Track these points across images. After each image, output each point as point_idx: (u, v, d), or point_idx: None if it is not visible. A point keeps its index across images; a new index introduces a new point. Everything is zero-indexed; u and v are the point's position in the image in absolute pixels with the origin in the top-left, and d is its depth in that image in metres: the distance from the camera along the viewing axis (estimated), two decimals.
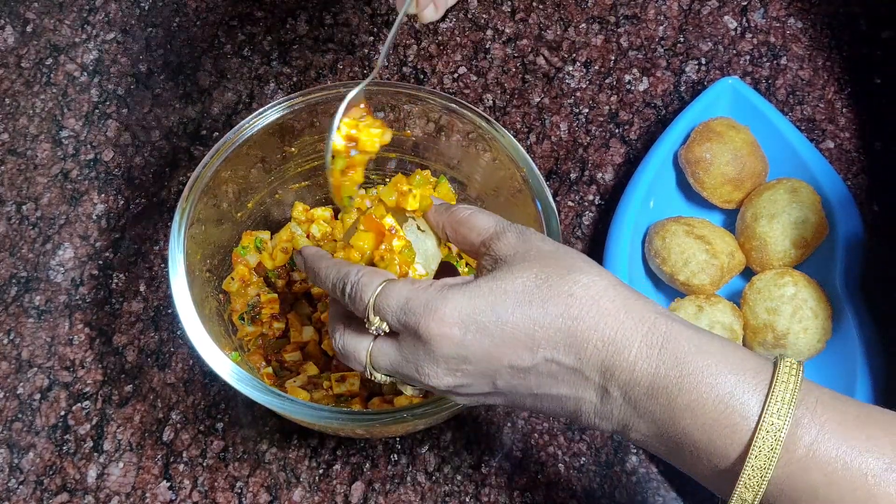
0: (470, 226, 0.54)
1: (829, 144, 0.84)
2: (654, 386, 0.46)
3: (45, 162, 0.82)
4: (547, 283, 0.48)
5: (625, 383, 0.47)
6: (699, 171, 0.76)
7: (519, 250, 0.50)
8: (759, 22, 0.89)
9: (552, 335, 0.47)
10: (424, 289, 0.49)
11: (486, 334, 0.48)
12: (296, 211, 0.74)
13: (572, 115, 0.85)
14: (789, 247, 0.74)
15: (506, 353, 0.48)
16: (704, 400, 0.46)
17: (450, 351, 0.48)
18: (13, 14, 0.89)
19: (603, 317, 0.47)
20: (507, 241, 0.51)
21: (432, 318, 0.48)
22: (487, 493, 0.70)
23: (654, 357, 0.46)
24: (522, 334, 0.47)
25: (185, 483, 0.70)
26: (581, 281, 0.48)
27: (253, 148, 0.68)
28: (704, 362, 0.46)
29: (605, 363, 0.47)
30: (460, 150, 0.70)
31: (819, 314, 0.71)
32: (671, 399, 0.46)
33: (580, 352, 0.47)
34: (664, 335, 0.47)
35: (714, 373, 0.46)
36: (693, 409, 0.46)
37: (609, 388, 0.47)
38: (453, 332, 0.48)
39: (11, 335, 0.75)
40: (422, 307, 0.48)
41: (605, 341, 0.47)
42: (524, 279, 0.48)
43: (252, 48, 0.87)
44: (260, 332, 0.71)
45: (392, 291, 0.50)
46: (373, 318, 0.50)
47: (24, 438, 0.71)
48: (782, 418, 0.44)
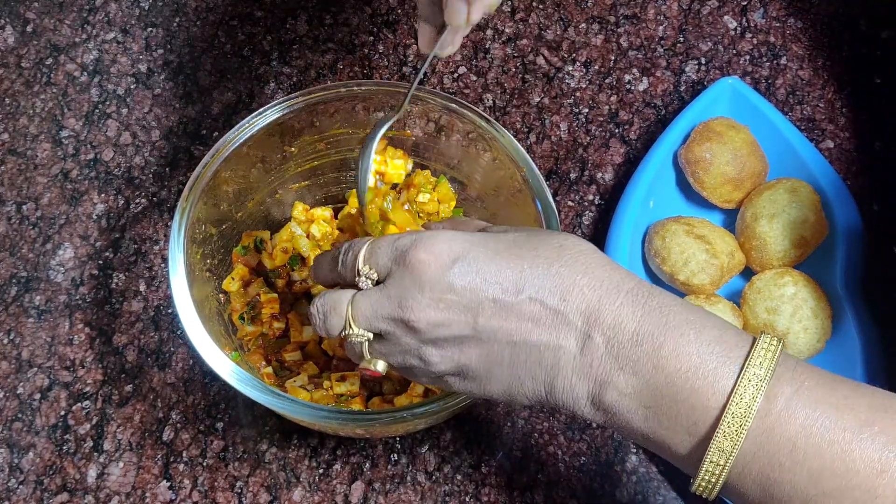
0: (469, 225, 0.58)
1: (829, 144, 0.84)
2: (639, 331, 0.47)
3: (45, 162, 0.82)
4: (537, 236, 0.50)
5: (609, 327, 0.47)
6: (699, 171, 0.76)
7: (508, 229, 0.54)
8: (759, 22, 0.89)
9: (540, 275, 0.48)
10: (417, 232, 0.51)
11: (474, 266, 0.48)
12: (296, 211, 0.74)
13: (572, 114, 0.85)
14: (789, 246, 0.74)
15: (492, 286, 0.48)
16: (690, 348, 0.46)
17: (435, 274, 0.48)
18: (13, 14, 0.89)
19: (591, 267, 0.49)
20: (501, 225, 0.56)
21: (423, 246, 0.49)
22: (487, 492, 0.70)
23: (640, 304, 0.47)
24: (511, 271, 0.48)
25: (185, 483, 0.70)
26: (570, 239, 0.50)
27: (253, 148, 0.68)
28: (691, 317, 0.47)
29: (591, 307, 0.47)
30: (460, 150, 0.70)
31: (819, 314, 0.71)
32: (656, 346, 0.46)
33: (566, 293, 0.48)
34: (649, 290, 0.48)
35: (699, 326, 0.47)
36: (678, 354, 0.46)
37: (592, 334, 0.47)
38: (442, 259, 0.49)
39: (11, 335, 0.75)
40: (411, 240, 0.50)
41: (593, 286, 0.48)
42: (515, 233, 0.51)
43: (252, 48, 0.87)
44: (260, 331, 0.71)
45: (382, 239, 0.52)
46: (363, 267, 0.51)
47: (24, 438, 0.71)
48: (764, 369, 0.45)
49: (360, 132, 0.72)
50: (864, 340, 0.70)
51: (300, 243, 0.73)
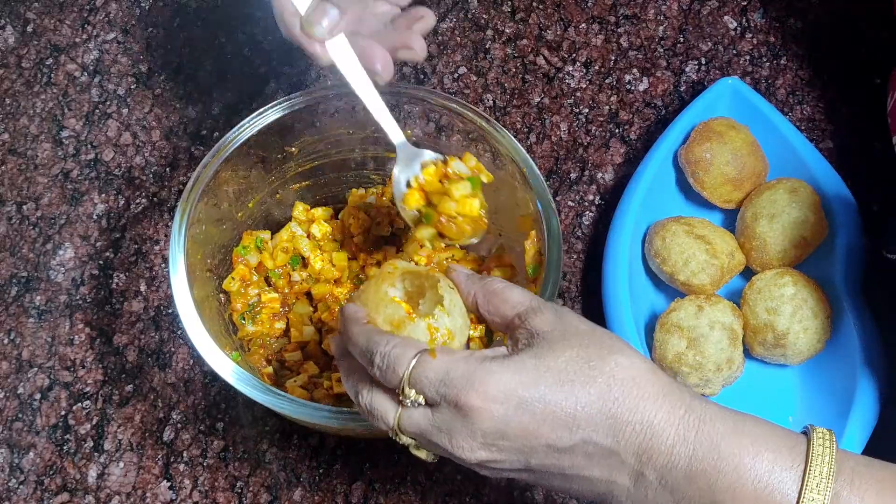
0: (504, 297, 0.53)
1: (829, 144, 0.84)
2: (692, 469, 0.47)
3: (45, 162, 0.82)
4: (589, 363, 0.48)
5: (662, 466, 0.47)
6: (699, 171, 0.76)
7: (557, 328, 0.50)
8: (759, 22, 0.89)
9: (593, 415, 0.47)
10: (464, 360, 0.48)
11: (527, 411, 0.47)
12: (296, 211, 0.74)
13: (572, 115, 0.85)
14: (789, 247, 0.74)
15: (545, 432, 0.47)
16: (744, 482, 0.46)
17: (489, 426, 0.48)
18: (13, 14, 0.89)
19: (643, 399, 0.47)
20: (544, 318, 0.51)
21: (475, 391, 0.47)
22: (488, 492, 0.70)
23: (691, 440, 0.47)
24: (563, 413, 0.47)
25: (185, 483, 0.70)
26: (622, 363, 0.48)
27: (253, 148, 0.68)
28: (741, 443, 0.47)
29: (643, 446, 0.47)
30: (460, 149, 0.70)
31: (819, 314, 0.71)
32: (710, 483, 0.46)
33: (618, 434, 0.47)
34: (700, 418, 0.47)
35: (751, 453, 0.46)
36: (734, 490, 0.46)
37: (645, 472, 0.47)
38: (495, 407, 0.47)
39: (12, 335, 0.75)
40: (464, 380, 0.48)
41: (644, 423, 0.47)
42: (566, 358, 0.48)
43: (252, 48, 0.87)
44: (260, 331, 0.71)
45: (430, 363, 0.49)
46: (408, 391, 0.49)
47: (24, 438, 0.71)
48: (822, 493, 0.45)
49: (360, 132, 0.72)
50: (864, 340, 0.70)
51: (301, 243, 0.73)
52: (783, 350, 0.71)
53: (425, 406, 0.49)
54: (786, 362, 0.72)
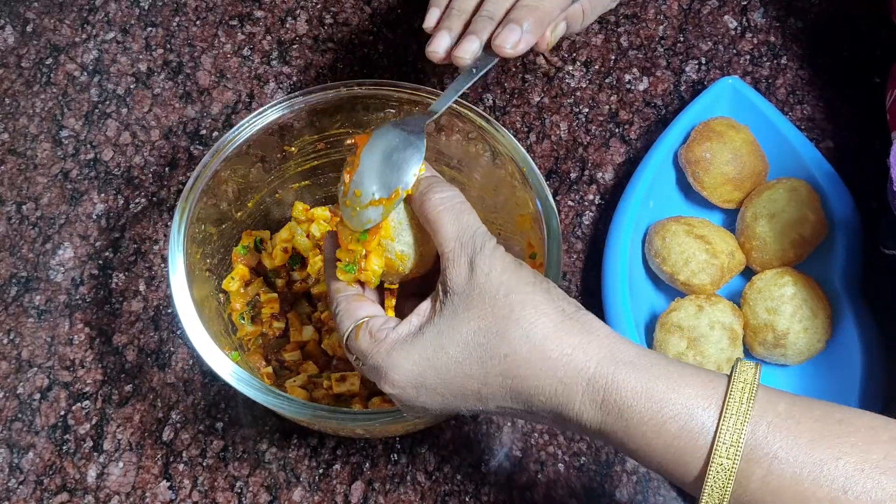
0: (435, 228, 0.52)
1: (829, 144, 0.84)
2: (603, 431, 0.48)
3: (45, 162, 0.82)
4: (483, 341, 0.49)
5: (577, 426, 0.49)
6: (699, 171, 0.76)
7: (465, 288, 0.50)
8: (759, 21, 0.89)
9: (496, 391, 0.50)
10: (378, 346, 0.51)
11: (437, 393, 0.51)
12: (296, 210, 0.74)
13: (572, 114, 0.85)
14: (789, 246, 0.74)
15: (459, 404, 0.51)
16: (654, 445, 0.47)
17: (408, 403, 0.52)
18: (13, 14, 0.89)
19: (542, 376, 0.48)
20: (457, 272, 0.50)
21: (386, 382, 0.51)
22: (487, 492, 0.70)
23: (596, 409, 0.48)
24: (469, 392, 0.50)
25: (185, 483, 0.70)
26: (515, 338, 0.48)
27: (253, 147, 0.68)
28: (649, 410, 0.47)
29: (554, 412, 0.49)
30: (460, 149, 0.70)
31: (819, 314, 0.71)
32: (622, 443, 0.48)
33: (528, 404, 0.50)
34: (604, 388, 0.47)
35: (659, 420, 0.47)
36: (645, 451, 0.48)
37: (565, 425, 0.50)
38: (406, 393, 0.51)
39: (11, 335, 0.75)
40: (375, 370, 0.51)
41: (548, 396, 0.49)
42: (463, 336, 0.49)
43: (252, 48, 0.87)
44: (260, 331, 0.71)
45: (355, 342, 0.53)
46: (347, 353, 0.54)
47: (24, 438, 0.71)
48: (731, 458, 0.45)
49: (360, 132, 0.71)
50: (864, 340, 0.70)
51: (300, 243, 0.73)
52: (783, 350, 0.71)
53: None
54: (786, 362, 0.72)
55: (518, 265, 0.50)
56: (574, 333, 0.48)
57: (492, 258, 0.50)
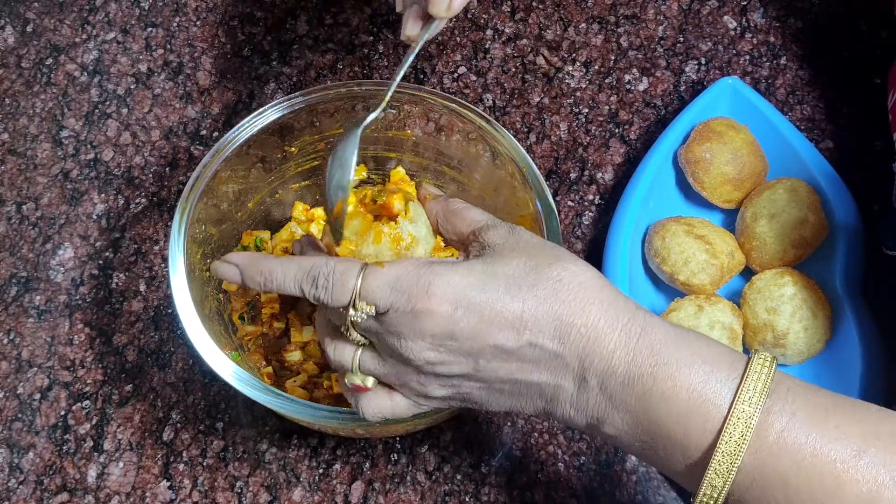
0: (462, 216, 0.56)
1: (829, 144, 0.84)
2: (629, 375, 0.48)
3: (45, 162, 0.82)
4: (536, 269, 0.49)
5: (602, 372, 0.48)
6: (699, 171, 0.76)
7: (508, 241, 0.52)
8: (759, 22, 0.89)
9: (539, 317, 0.48)
10: (413, 265, 0.50)
11: (475, 312, 0.48)
12: (296, 211, 0.74)
13: (572, 114, 0.85)
14: (789, 247, 0.74)
15: (492, 332, 0.49)
16: (679, 389, 0.47)
17: (437, 327, 0.49)
18: (13, 14, 0.89)
19: (588, 303, 0.48)
20: (497, 232, 0.53)
21: (424, 294, 0.48)
22: (487, 492, 0.70)
23: (631, 346, 0.48)
24: (511, 314, 0.48)
25: (185, 483, 0.70)
26: (569, 268, 0.50)
27: (253, 148, 0.68)
28: (680, 353, 0.47)
29: (586, 349, 0.48)
30: (460, 150, 0.71)
31: (819, 314, 0.71)
32: (646, 389, 0.47)
33: (564, 336, 0.48)
34: (642, 326, 0.48)
35: (689, 363, 0.47)
36: (667, 398, 0.47)
37: (587, 377, 0.49)
38: (443, 308, 0.48)
39: (11, 335, 0.75)
40: (413, 284, 0.49)
41: (588, 327, 0.48)
42: (515, 264, 0.50)
43: (252, 48, 0.87)
44: (260, 331, 0.71)
45: (379, 273, 0.50)
46: (359, 302, 0.50)
47: (24, 438, 0.71)
48: (753, 406, 0.46)
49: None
50: (864, 340, 0.70)
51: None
52: (783, 350, 0.71)
53: (375, 317, 0.50)
54: (786, 362, 0.72)
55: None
56: (613, 286, 0.50)
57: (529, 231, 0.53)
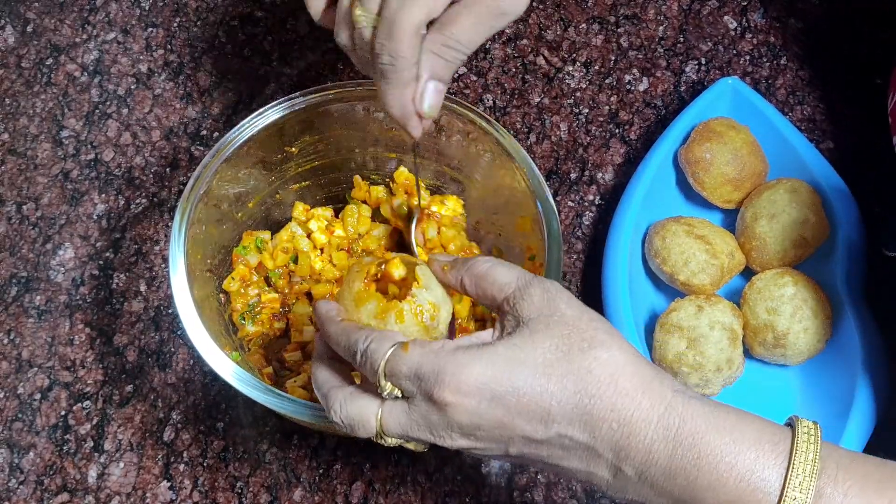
0: (491, 280, 0.52)
1: (829, 144, 0.84)
2: (671, 467, 0.46)
3: (45, 162, 0.82)
4: (567, 357, 0.47)
5: (640, 464, 0.47)
6: (699, 171, 0.76)
7: (543, 312, 0.49)
8: (759, 22, 0.89)
9: (568, 411, 0.47)
10: (436, 353, 0.48)
11: (500, 404, 0.47)
12: (296, 211, 0.74)
13: (572, 115, 0.85)
14: (789, 247, 0.74)
15: (519, 425, 0.48)
16: (725, 479, 0.45)
17: (464, 419, 0.48)
18: (13, 14, 0.89)
19: (620, 397, 0.47)
20: (531, 301, 0.50)
21: (447, 386, 0.47)
22: (487, 493, 0.70)
23: (670, 438, 0.46)
24: (538, 407, 0.47)
25: (185, 483, 0.70)
26: (601, 357, 0.47)
27: (253, 148, 0.68)
28: (722, 440, 0.46)
29: (620, 443, 0.47)
30: (460, 150, 0.71)
31: (819, 314, 0.71)
32: (690, 480, 0.46)
33: (594, 430, 0.47)
34: (681, 416, 0.47)
35: (733, 451, 0.46)
36: (715, 488, 0.46)
37: (623, 468, 0.47)
38: (469, 402, 0.47)
39: (12, 335, 0.75)
40: (435, 374, 0.47)
41: (621, 422, 0.47)
42: (544, 350, 0.48)
43: (252, 48, 0.87)
44: (260, 331, 0.71)
45: (403, 357, 0.49)
46: (384, 383, 0.49)
47: (24, 438, 0.71)
48: (804, 492, 0.45)
49: (360, 132, 0.72)
50: (864, 340, 0.70)
51: (300, 243, 0.73)
52: (783, 350, 0.71)
53: (403, 399, 0.50)
54: (786, 362, 0.72)
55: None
56: (649, 367, 0.48)
57: (566, 292, 0.50)
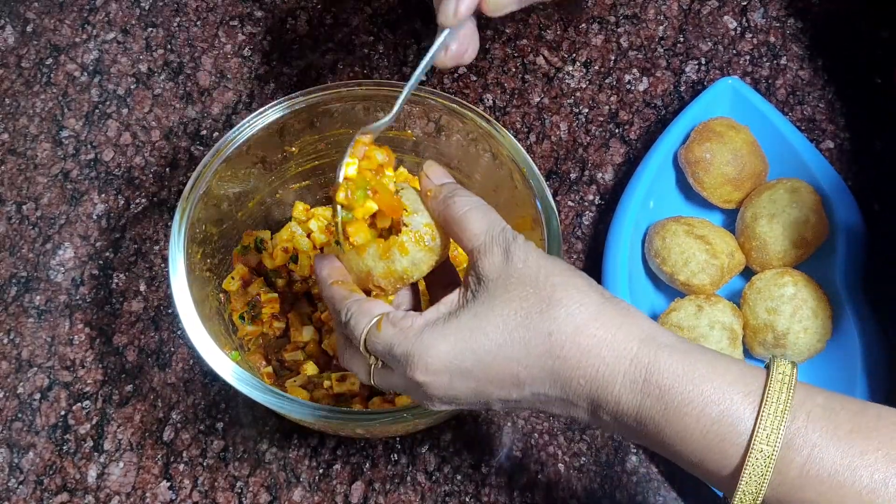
0: (462, 227, 0.52)
1: (829, 144, 0.84)
2: (640, 417, 0.47)
3: (45, 162, 0.82)
4: (526, 321, 0.48)
5: (613, 412, 0.48)
6: (699, 171, 0.76)
7: (501, 274, 0.49)
8: (759, 22, 0.89)
9: (536, 374, 0.48)
10: (405, 333, 0.50)
11: (471, 377, 0.49)
12: (296, 210, 0.74)
13: (572, 115, 0.85)
14: (789, 247, 0.74)
15: (493, 391, 0.49)
16: (692, 430, 0.46)
17: (439, 393, 0.50)
18: (13, 14, 0.89)
19: (584, 355, 0.47)
20: (490, 261, 0.50)
21: (416, 368, 0.49)
22: (487, 492, 0.70)
23: (637, 391, 0.47)
24: (507, 374, 0.48)
25: (185, 483, 0.70)
26: (559, 317, 0.48)
27: (253, 148, 0.68)
28: (689, 393, 0.46)
29: (591, 395, 0.48)
30: (460, 149, 0.70)
31: (819, 314, 0.71)
32: (659, 429, 0.47)
33: (565, 387, 0.48)
34: (646, 368, 0.47)
35: (700, 403, 0.46)
36: (682, 437, 0.46)
37: (599, 413, 0.48)
38: (440, 380, 0.49)
39: (11, 335, 0.75)
40: (405, 356, 0.49)
41: (588, 378, 0.47)
42: (504, 317, 0.48)
43: (252, 48, 0.87)
44: (260, 331, 0.71)
45: (377, 335, 0.50)
46: (365, 354, 0.52)
47: (24, 438, 0.71)
48: (771, 444, 0.45)
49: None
50: (864, 340, 0.70)
51: (300, 243, 0.73)
52: (783, 350, 0.71)
53: (387, 366, 0.52)
54: None
55: (550, 255, 0.51)
56: (616, 315, 0.48)
57: (526, 247, 0.50)
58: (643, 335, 0.48)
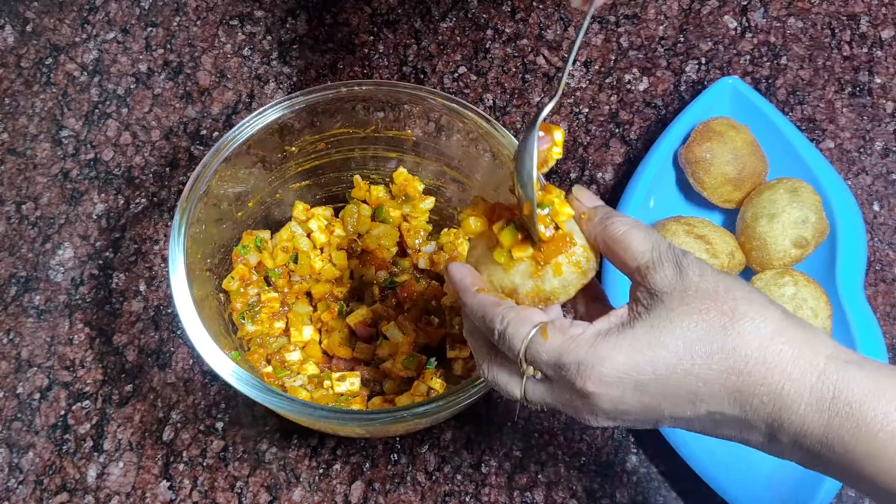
0: (624, 246, 0.50)
1: (829, 144, 0.84)
2: (827, 436, 0.45)
3: (44, 161, 0.82)
4: (708, 336, 0.46)
5: (795, 434, 0.45)
6: (699, 171, 0.76)
7: (676, 287, 0.48)
8: (759, 22, 0.89)
9: (716, 391, 0.46)
10: (576, 341, 0.47)
11: (645, 392, 0.46)
12: (296, 210, 0.74)
13: (572, 114, 0.85)
14: (789, 247, 0.74)
15: (666, 408, 0.47)
16: (886, 447, 0.44)
17: (608, 406, 0.47)
18: (13, 14, 0.89)
19: (769, 370, 0.45)
20: (663, 275, 0.48)
21: (589, 378, 0.46)
22: (487, 492, 0.70)
23: (825, 409, 0.44)
24: (684, 391, 0.46)
25: (185, 483, 0.70)
26: (745, 331, 0.46)
27: (253, 148, 0.68)
28: (882, 409, 0.44)
29: (772, 416, 0.45)
30: (461, 149, 0.70)
31: (819, 314, 0.71)
32: (848, 449, 0.44)
33: (745, 406, 0.46)
34: (835, 384, 0.45)
35: (893, 419, 0.44)
36: (875, 456, 0.44)
37: (777, 436, 0.46)
38: (612, 392, 0.47)
39: (11, 335, 0.75)
40: (576, 365, 0.47)
41: (772, 396, 0.45)
42: (683, 330, 0.46)
43: (252, 48, 0.87)
44: (260, 331, 0.71)
45: (543, 344, 0.48)
46: (525, 366, 0.49)
47: (23, 438, 0.71)
48: None
49: (361, 132, 0.72)
50: (864, 340, 0.70)
51: (300, 243, 0.73)
52: None
53: (545, 379, 0.49)
54: None
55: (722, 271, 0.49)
56: (799, 331, 0.46)
57: (698, 262, 0.48)
58: (828, 351, 0.46)
